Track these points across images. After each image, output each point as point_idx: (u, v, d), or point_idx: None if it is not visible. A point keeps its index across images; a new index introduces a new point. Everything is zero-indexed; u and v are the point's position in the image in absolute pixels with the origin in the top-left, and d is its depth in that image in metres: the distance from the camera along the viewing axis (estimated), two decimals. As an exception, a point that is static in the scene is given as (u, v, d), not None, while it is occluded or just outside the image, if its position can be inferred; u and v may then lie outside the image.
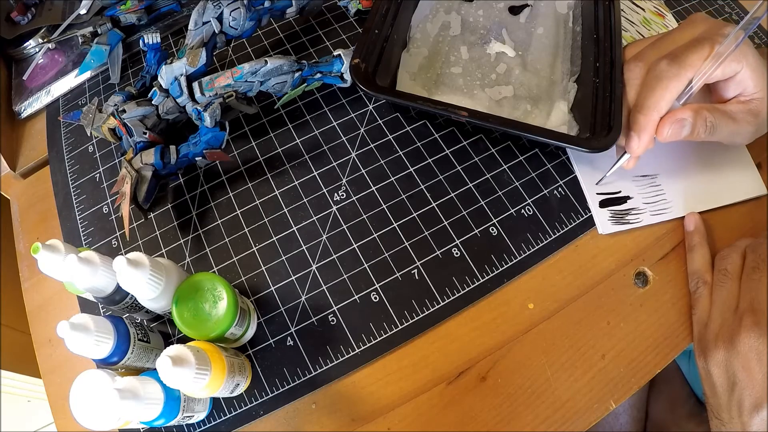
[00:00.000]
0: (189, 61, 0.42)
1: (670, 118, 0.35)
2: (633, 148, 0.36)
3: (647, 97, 0.35)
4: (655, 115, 0.35)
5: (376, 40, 0.42)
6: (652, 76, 0.35)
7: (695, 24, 0.36)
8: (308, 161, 0.44)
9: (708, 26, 0.36)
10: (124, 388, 0.28)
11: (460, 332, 0.38)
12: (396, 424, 0.35)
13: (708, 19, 0.36)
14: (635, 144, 0.36)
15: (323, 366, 0.37)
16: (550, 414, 0.35)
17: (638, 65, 0.37)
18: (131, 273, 0.30)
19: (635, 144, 0.36)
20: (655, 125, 0.35)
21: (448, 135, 0.44)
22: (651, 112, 0.35)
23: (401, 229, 0.41)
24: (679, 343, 0.37)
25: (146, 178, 0.39)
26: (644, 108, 0.35)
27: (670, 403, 0.51)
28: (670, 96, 0.34)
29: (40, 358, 0.40)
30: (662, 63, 0.34)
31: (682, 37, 0.36)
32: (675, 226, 0.40)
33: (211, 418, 0.36)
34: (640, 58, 0.37)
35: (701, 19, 0.37)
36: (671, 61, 0.34)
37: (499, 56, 0.47)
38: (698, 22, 0.36)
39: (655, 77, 0.35)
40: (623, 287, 0.39)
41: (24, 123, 0.52)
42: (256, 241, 0.41)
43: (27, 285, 0.44)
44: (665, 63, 0.34)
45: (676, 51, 0.35)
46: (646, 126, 0.35)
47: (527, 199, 0.41)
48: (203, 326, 0.33)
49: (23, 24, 0.53)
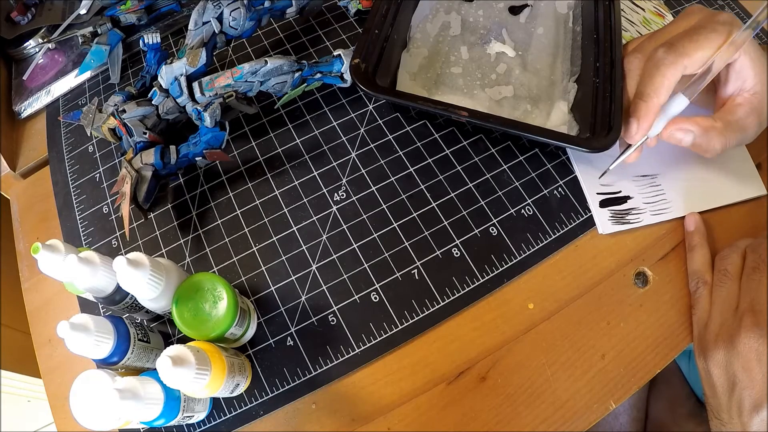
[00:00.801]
0: (189, 61, 0.42)
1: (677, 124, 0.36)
2: (632, 134, 0.36)
3: (647, 84, 0.35)
4: (655, 101, 0.35)
5: (376, 40, 0.42)
6: (651, 65, 0.36)
7: (691, 15, 0.37)
8: (308, 161, 0.44)
9: (703, 15, 0.37)
10: (124, 388, 0.28)
11: (460, 332, 0.38)
12: (396, 424, 0.35)
13: (703, 9, 0.38)
14: (634, 129, 0.36)
15: (323, 366, 0.37)
16: (550, 414, 0.35)
17: (637, 56, 0.38)
18: (131, 273, 0.30)
19: (634, 129, 0.36)
20: (655, 112, 0.35)
21: (448, 135, 0.44)
22: (651, 98, 0.35)
23: (401, 229, 0.41)
24: (678, 344, 0.37)
25: (146, 178, 0.39)
26: (644, 95, 0.35)
27: (670, 403, 0.51)
28: (668, 83, 0.35)
29: (40, 358, 0.40)
30: (659, 51, 0.35)
31: (678, 28, 0.37)
32: (675, 226, 0.40)
33: (211, 418, 0.36)
34: (638, 50, 0.38)
35: (697, 10, 0.38)
36: (668, 48, 0.35)
37: (499, 56, 0.47)
38: (694, 13, 0.37)
39: (654, 65, 0.35)
40: (623, 287, 0.39)
41: (24, 123, 0.52)
42: (256, 241, 0.41)
43: (27, 285, 0.44)
44: (662, 51, 0.35)
45: (673, 39, 0.36)
46: (646, 112, 0.35)
47: (527, 199, 0.41)
48: (203, 326, 0.33)
49: (23, 24, 0.53)
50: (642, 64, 0.37)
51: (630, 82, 0.38)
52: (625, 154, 0.38)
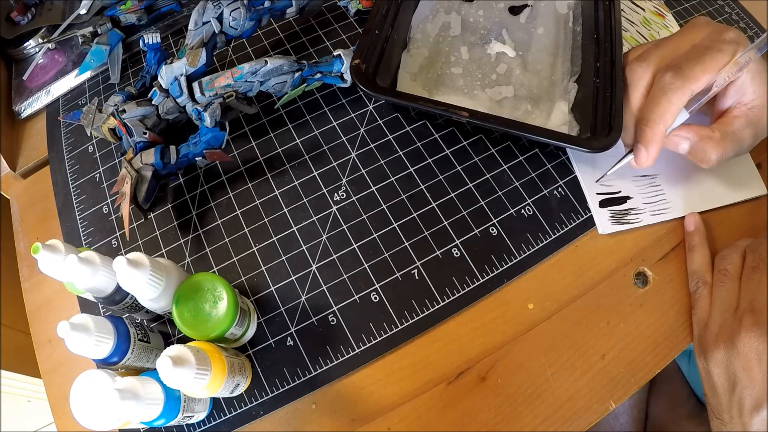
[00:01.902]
0: (189, 61, 0.42)
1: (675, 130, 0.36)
2: (642, 161, 0.36)
3: (652, 111, 0.35)
4: (661, 127, 0.35)
5: (376, 40, 0.43)
6: (657, 89, 0.35)
7: (697, 28, 0.37)
8: (308, 161, 0.44)
9: (710, 30, 0.36)
10: (124, 388, 0.28)
11: (460, 332, 0.38)
12: (396, 424, 0.35)
13: (710, 23, 0.37)
14: (644, 157, 0.36)
15: (323, 366, 0.37)
16: (550, 414, 0.35)
17: (640, 66, 0.37)
18: (131, 273, 0.30)
19: (644, 157, 0.36)
20: (662, 137, 0.35)
21: (448, 135, 0.44)
22: (657, 125, 0.35)
23: (401, 229, 0.41)
24: (678, 344, 0.37)
25: (146, 178, 0.39)
26: (650, 122, 0.35)
27: (670, 403, 0.51)
28: (675, 108, 0.35)
29: (40, 358, 0.40)
30: (667, 76, 0.35)
31: (684, 42, 0.37)
32: (675, 226, 0.40)
33: (211, 418, 0.36)
34: (643, 58, 0.37)
35: (704, 23, 0.37)
36: (675, 73, 0.34)
37: (499, 56, 0.47)
38: (700, 26, 0.37)
39: (660, 90, 0.35)
40: (623, 287, 0.39)
41: (24, 123, 0.52)
42: (256, 241, 0.41)
43: (27, 285, 0.44)
44: (670, 76, 0.34)
45: (680, 62, 0.35)
46: (652, 139, 0.35)
47: (527, 199, 0.41)
48: (203, 326, 0.33)
49: (23, 24, 0.53)
50: (646, 75, 0.37)
51: (632, 93, 0.37)
52: (624, 160, 0.38)
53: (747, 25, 0.51)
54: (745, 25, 0.51)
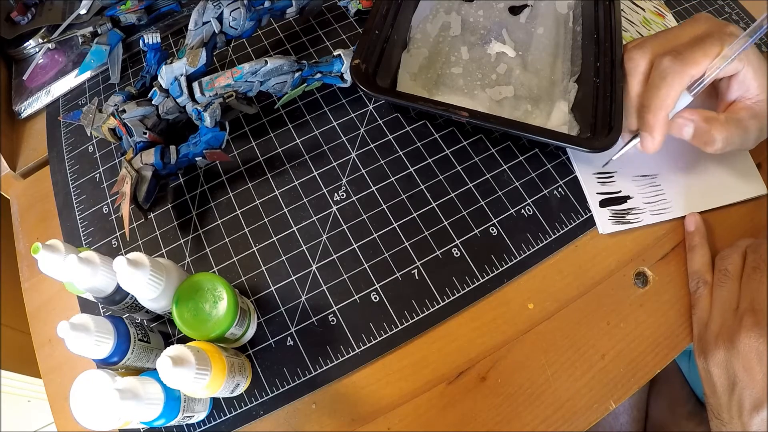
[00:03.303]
0: (189, 61, 0.42)
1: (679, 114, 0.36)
2: (648, 147, 0.36)
3: (653, 97, 0.35)
4: (662, 113, 0.35)
5: (376, 40, 0.43)
6: (657, 74, 0.35)
7: (698, 22, 0.37)
8: (308, 161, 0.44)
9: (711, 24, 0.36)
10: (124, 388, 0.28)
11: (460, 332, 0.38)
12: (396, 424, 0.35)
13: (711, 19, 0.37)
14: (650, 143, 0.36)
15: (323, 366, 0.37)
16: (550, 414, 0.35)
17: (639, 52, 0.37)
18: (131, 273, 0.30)
19: (650, 143, 0.36)
20: (665, 122, 0.35)
21: (448, 135, 0.44)
22: (658, 111, 0.35)
23: (401, 229, 0.41)
24: (678, 343, 0.37)
25: (146, 178, 0.39)
26: (651, 108, 0.35)
27: (670, 403, 0.50)
28: (675, 93, 0.34)
29: (40, 358, 0.40)
30: (666, 60, 0.35)
31: (684, 34, 0.36)
32: (675, 226, 0.40)
33: (211, 418, 0.36)
34: (641, 46, 0.37)
35: (705, 18, 0.37)
36: (674, 57, 0.34)
37: (499, 56, 0.47)
38: (701, 21, 0.37)
39: (659, 75, 0.35)
40: (623, 287, 0.39)
41: (24, 123, 0.52)
42: (256, 241, 0.41)
43: (27, 285, 0.44)
44: (669, 60, 0.34)
45: (680, 48, 0.35)
46: (655, 125, 0.35)
47: (527, 199, 0.41)
48: (203, 326, 0.33)
49: (23, 24, 0.53)
50: (644, 62, 0.37)
51: (631, 80, 0.37)
52: (630, 145, 0.38)
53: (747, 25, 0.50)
54: (745, 25, 0.51)
